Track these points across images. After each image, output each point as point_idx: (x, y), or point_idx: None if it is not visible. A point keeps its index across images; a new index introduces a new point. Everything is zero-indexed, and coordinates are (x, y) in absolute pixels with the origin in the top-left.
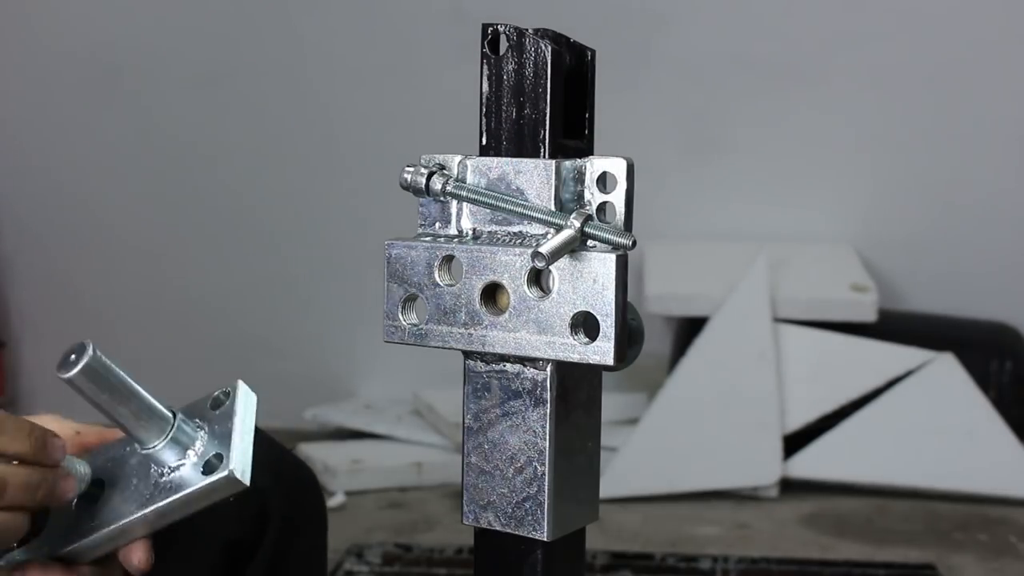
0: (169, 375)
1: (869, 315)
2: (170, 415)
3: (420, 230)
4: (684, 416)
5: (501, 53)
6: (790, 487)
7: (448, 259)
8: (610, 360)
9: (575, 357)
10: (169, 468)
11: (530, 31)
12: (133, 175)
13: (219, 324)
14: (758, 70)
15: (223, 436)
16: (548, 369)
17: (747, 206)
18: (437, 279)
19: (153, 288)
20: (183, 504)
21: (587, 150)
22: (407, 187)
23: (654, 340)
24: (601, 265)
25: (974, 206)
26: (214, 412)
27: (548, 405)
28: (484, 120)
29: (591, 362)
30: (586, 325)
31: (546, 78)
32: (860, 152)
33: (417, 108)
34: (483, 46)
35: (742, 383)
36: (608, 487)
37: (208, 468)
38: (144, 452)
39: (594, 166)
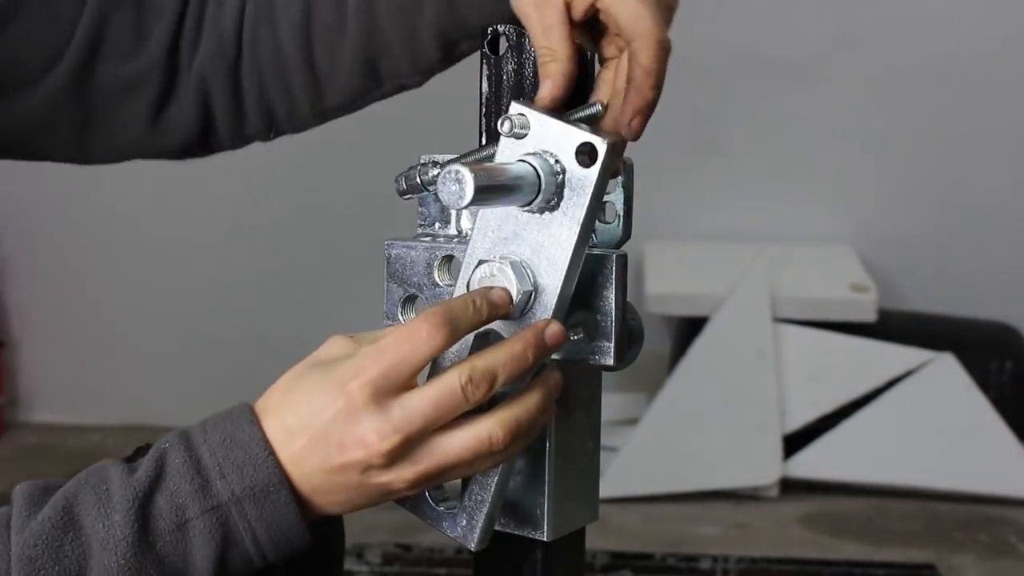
0: (170, 375)
1: (869, 315)
2: (526, 163)
3: (420, 230)
4: (684, 416)
5: (501, 53)
6: (790, 487)
7: (448, 259)
8: (610, 360)
9: (575, 356)
10: (556, 199)
11: None
12: (133, 175)
13: (219, 324)
14: (758, 70)
15: (560, 135)
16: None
17: (747, 206)
18: (437, 279)
19: (153, 288)
20: (593, 211)
21: None
22: (404, 193)
23: (654, 340)
24: (601, 265)
25: (974, 206)
26: (525, 136)
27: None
28: (484, 120)
29: (591, 362)
30: (586, 325)
31: None
32: (860, 152)
33: (417, 108)
34: (483, 46)
35: (742, 383)
36: (608, 487)
37: (586, 163)
38: (537, 214)
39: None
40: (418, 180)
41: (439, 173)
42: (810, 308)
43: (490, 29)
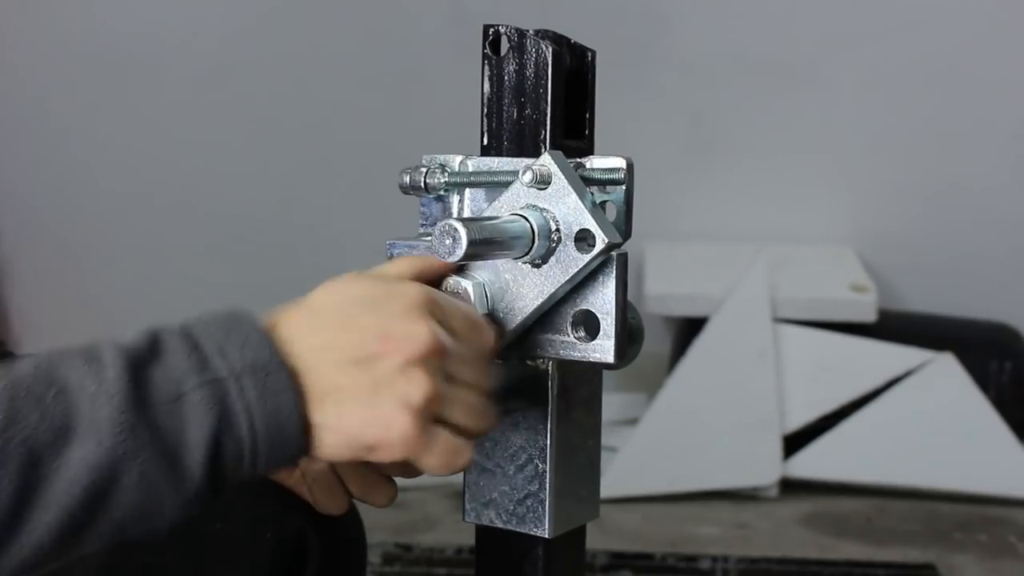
0: None
1: (869, 315)
2: (524, 220)
3: (421, 230)
4: (684, 416)
5: (502, 54)
6: (790, 487)
7: None
8: (610, 358)
9: (576, 355)
10: (540, 260)
11: (531, 32)
12: (133, 175)
13: None
14: (758, 70)
15: (570, 210)
16: (549, 367)
17: (747, 206)
18: None
19: (154, 288)
20: (569, 284)
21: (587, 150)
22: (407, 189)
23: (654, 340)
24: (601, 264)
25: (974, 206)
26: (542, 191)
27: (549, 403)
28: (485, 120)
29: (592, 360)
30: (587, 323)
31: (547, 79)
32: (860, 152)
33: (417, 108)
34: (484, 47)
35: (742, 383)
36: (608, 487)
37: (582, 248)
38: (520, 262)
39: (594, 165)
40: (422, 183)
41: (440, 183)
42: (810, 308)
43: (491, 30)
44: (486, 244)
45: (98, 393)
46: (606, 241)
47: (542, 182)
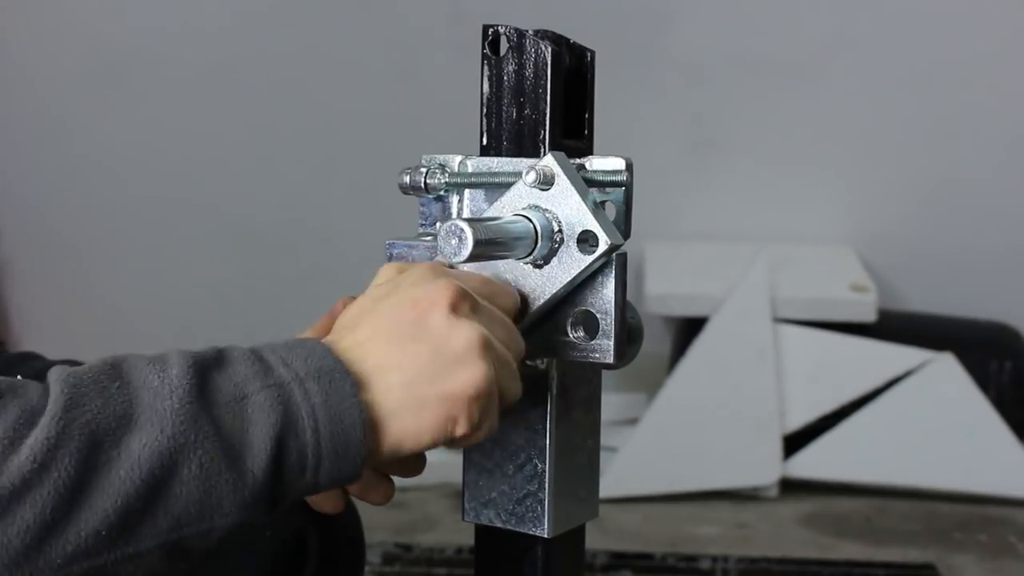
0: None
1: (869, 315)
2: (527, 221)
3: (421, 230)
4: (684, 416)
5: (501, 54)
6: (790, 487)
7: None
8: (610, 358)
9: (575, 355)
10: (543, 261)
11: (530, 32)
12: (133, 175)
13: (220, 324)
14: (759, 70)
15: (573, 211)
16: (549, 367)
17: (747, 206)
18: None
19: (153, 288)
20: (571, 285)
21: (587, 150)
22: (407, 189)
23: (654, 340)
24: (601, 264)
25: (974, 206)
26: (544, 192)
27: (549, 402)
28: (485, 120)
29: (591, 360)
30: (586, 323)
31: (546, 79)
32: (860, 152)
33: (417, 108)
34: (483, 47)
35: (742, 383)
36: (608, 487)
37: (585, 249)
38: (521, 262)
39: (593, 165)
40: (422, 183)
41: (440, 183)
42: (810, 308)
43: (491, 30)
44: (491, 244)
45: (161, 387)
46: (608, 243)
47: (545, 183)
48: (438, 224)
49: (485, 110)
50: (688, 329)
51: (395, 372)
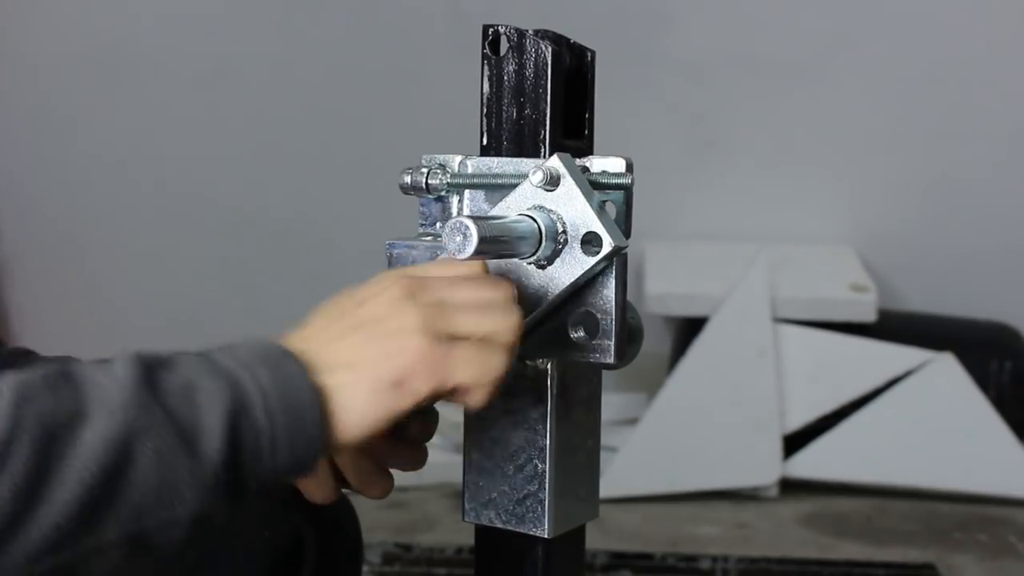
0: None
1: (869, 315)
2: (532, 221)
3: (421, 230)
4: (684, 416)
5: (502, 54)
6: (790, 487)
7: None
8: (610, 358)
9: (576, 355)
10: (546, 261)
11: (530, 32)
12: (134, 174)
13: (220, 324)
14: (758, 70)
15: (577, 212)
16: (548, 367)
17: (747, 206)
18: None
19: (153, 288)
20: (573, 286)
21: (587, 150)
22: (408, 189)
23: (654, 340)
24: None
25: (974, 206)
26: (549, 192)
27: (549, 403)
28: (485, 120)
29: (591, 360)
30: (586, 323)
31: (546, 79)
32: (860, 152)
33: (417, 108)
34: (484, 47)
35: (742, 383)
36: (608, 487)
37: (589, 250)
38: (524, 262)
39: (594, 166)
40: (423, 183)
41: (442, 184)
42: (810, 308)
43: (491, 30)
44: (495, 242)
45: (109, 383)
46: (613, 245)
47: (551, 183)
48: (438, 224)
49: (485, 110)
50: (688, 329)
51: (335, 360)
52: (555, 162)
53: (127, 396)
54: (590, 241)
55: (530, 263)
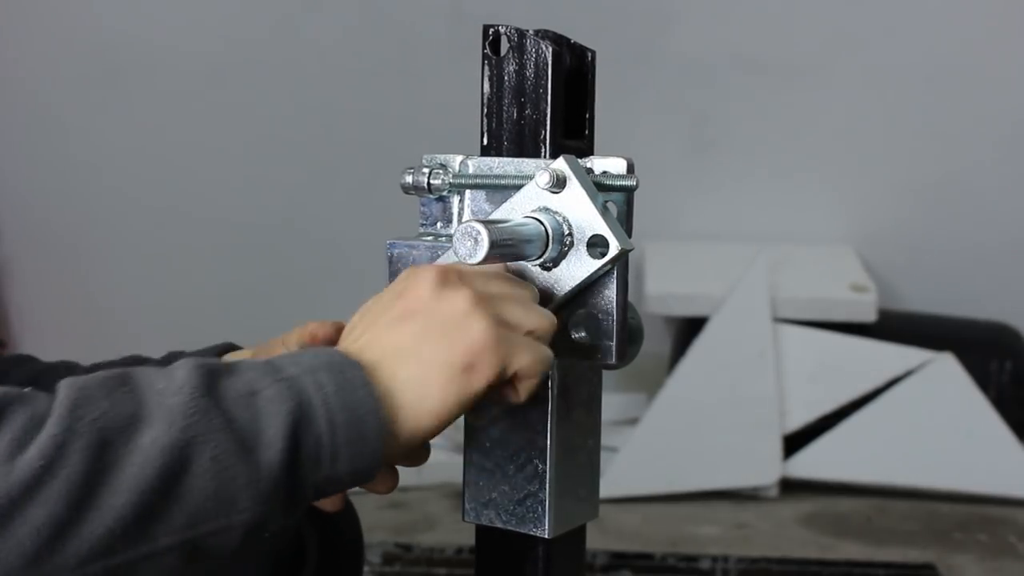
0: None
1: (869, 315)
2: (539, 223)
3: (421, 230)
4: (684, 416)
5: (502, 54)
6: (790, 487)
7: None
8: (611, 359)
9: (576, 356)
10: (552, 263)
11: (531, 32)
12: (133, 176)
13: (220, 324)
14: (758, 70)
15: (584, 215)
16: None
17: (747, 206)
18: None
19: (153, 288)
20: (578, 288)
21: (587, 150)
22: (409, 189)
23: (654, 340)
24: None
25: (974, 206)
26: (555, 194)
27: (549, 403)
28: (485, 120)
29: (592, 360)
30: (587, 324)
31: (547, 79)
32: (860, 152)
33: (417, 108)
34: (484, 47)
35: (742, 383)
36: (608, 487)
37: (595, 253)
38: (530, 263)
39: (594, 166)
40: (425, 183)
41: (444, 184)
42: (810, 308)
43: (491, 30)
44: (505, 246)
45: (168, 387)
46: (619, 248)
47: (557, 185)
48: (439, 224)
49: (486, 110)
50: (688, 329)
51: (397, 354)
52: (561, 164)
53: (186, 401)
54: (596, 244)
55: (535, 265)
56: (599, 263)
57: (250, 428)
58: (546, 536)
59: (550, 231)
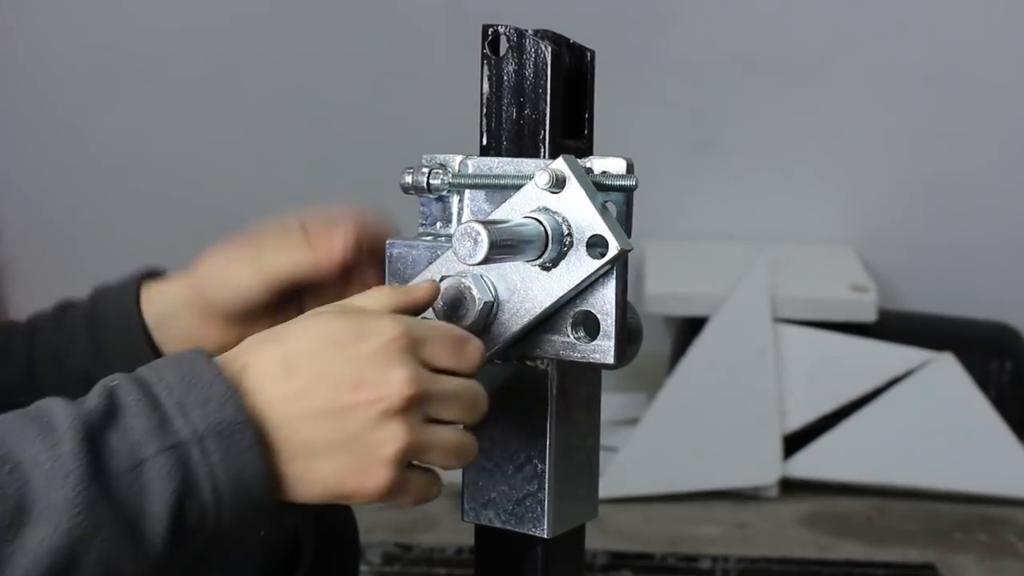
0: None
1: (869, 315)
2: (538, 224)
3: (421, 229)
4: (684, 416)
5: (501, 54)
6: (790, 487)
7: None
8: (611, 359)
9: (575, 355)
10: (551, 264)
11: (530, 32)
12: (134, 174)
13: None
14: (758, 70)
15: (583, 215)
16: (549, 367)
17: (747, 206)
18: None
19: None
20: (577, 289)
21: (587, 150)
22: (409, 189)
23: (654, 340)
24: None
25: (974, 206)
26: (555, 195)
27: (549, 403)
28: (484, 121)
29: (591, 361)
30: (586, 324)
31: (546, 79)
32: (860, 152)
33: (417, 108)
34: (483, 47)
35: (742, 383)
36: (608, 487)
37: (594, 253)
38: (529, 264)
39: (594, 166)
40: (425, 183)
41: (444, 184)
42: (810, 308)
43: (490, 30)
44: (505, 247)
45: (54, 470)
46: (619, 248)
47: (556, 185)
48: (438, 224)
49: (485, 110)
50: (688, 329)
51: (302, 446)
52: (560, 164)
53: (71, 497)
54: (596, 244)
55: (535, 265)
56: (599, 263)
57: (135, 508)
58: (545, 536)
59: (550, 231)
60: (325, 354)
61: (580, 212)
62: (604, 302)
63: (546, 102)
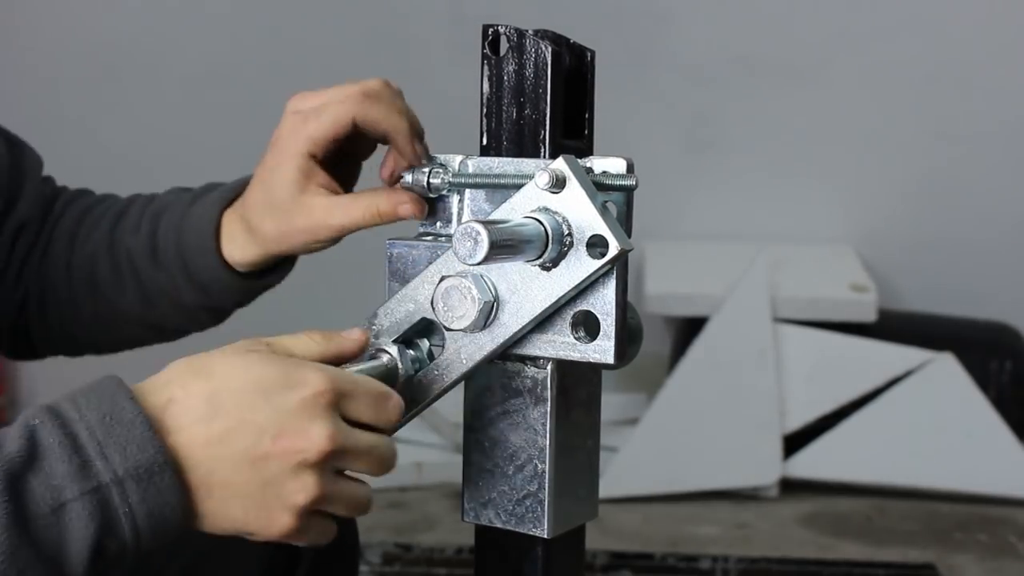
0: None
1: (869, 315)
2: (538, 224)
3: (421, 229)
4: (684, 416)
5: (501, 54)
6: (790, 487)
7: None
8: (611, 359)
9: (576, 356)
10: (551, 264)
11: (530, 32)
12: (133, 176)
13: (220, 325)
14: (758, 70)
15: (583, 215)
16: (549, 367)
17: (747, 206)
18: None
19: None
20: (577, 288)
21: (587, 150)
22: (410, 188)
23: (654, 340)
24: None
25: (974, 206)
26: (555, 195)
27: (549, 403)
28: (485, 120)
29: (592, 361)
30: (586, 324)
31: (546, 79)
32: (860, 152)
33: (417, 108)
34: (483, 47)
35: (742, 383)
36: (608, 487)
37: (594, 253)
38: (529, 263)
39: (594, 166)
40: (425, 183)
41: (444, 183)
42: (810, 308)
43: (491, 30)
44: (504, 247)
45: None
46: (619, 248)
47: (557, 185)
48: (438, 223)
49: (485, 110)
50: (688, 329)
51: (219, 485)
52: (560, 164)
53: None
54: (596, 244)
55: (535, 265)
56: (599, 263)
57: (56, 549)
58: (545, 536)
59: (550, 231)
60: (251, 399)
61: (580, 212)
62: (604, 302)
63: (546, 102)
